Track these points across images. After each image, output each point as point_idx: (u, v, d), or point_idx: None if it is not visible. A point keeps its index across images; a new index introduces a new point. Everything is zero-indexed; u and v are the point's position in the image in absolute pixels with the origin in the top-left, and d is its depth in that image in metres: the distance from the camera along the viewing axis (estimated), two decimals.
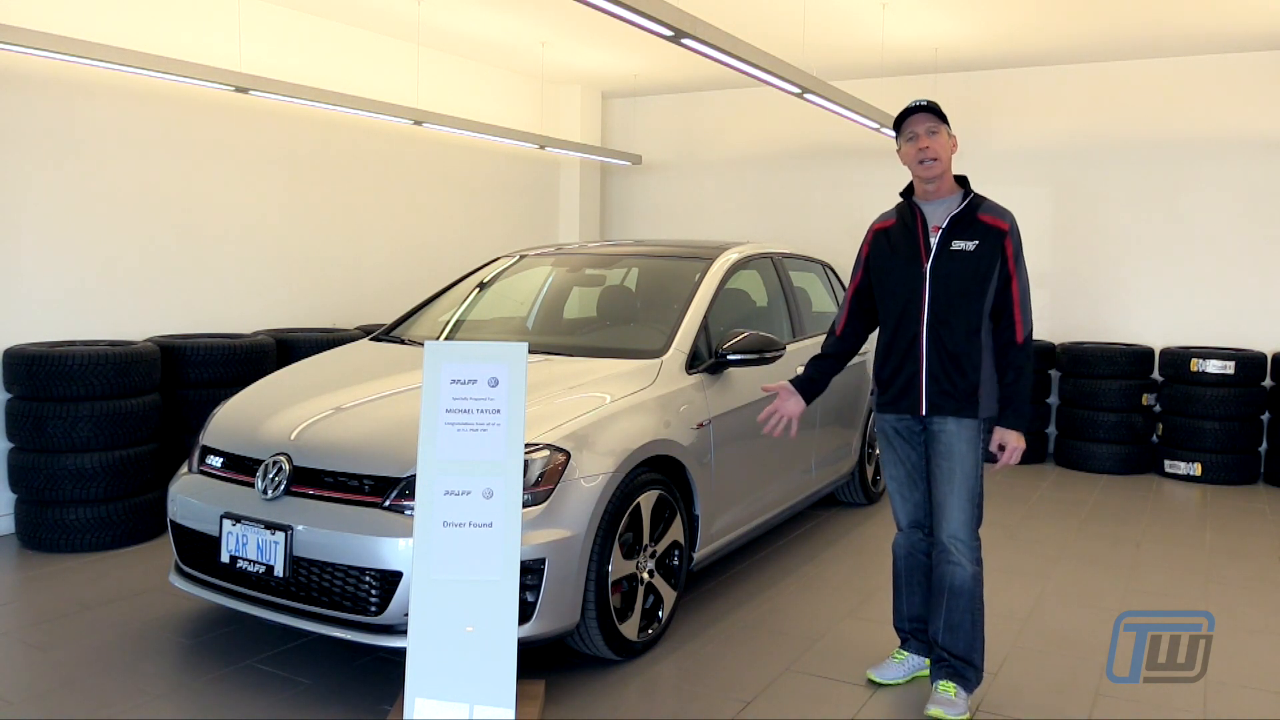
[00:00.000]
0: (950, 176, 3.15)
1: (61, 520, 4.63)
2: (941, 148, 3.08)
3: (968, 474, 3.09)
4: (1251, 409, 6.60)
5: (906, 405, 3.15)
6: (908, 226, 3.17)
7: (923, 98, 3.18)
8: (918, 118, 3.08)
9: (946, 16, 6.20)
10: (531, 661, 3.36)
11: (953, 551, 3.11)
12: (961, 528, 3.10)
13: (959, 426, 3.09)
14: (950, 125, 3.13)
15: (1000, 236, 3.05)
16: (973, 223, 3.08)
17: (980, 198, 3.15)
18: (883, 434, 3.31)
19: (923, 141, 3.06)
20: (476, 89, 8.02)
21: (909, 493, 3.29)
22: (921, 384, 3.10)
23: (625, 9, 3.69)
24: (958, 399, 3.07)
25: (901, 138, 3.13)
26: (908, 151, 3.12)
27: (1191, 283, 7.18)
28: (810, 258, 5.57)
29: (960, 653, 3.12)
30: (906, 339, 3.12)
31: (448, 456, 2.81)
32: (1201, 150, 7.08)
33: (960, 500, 3.09)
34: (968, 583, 3.10)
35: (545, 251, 5.24)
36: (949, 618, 3.12)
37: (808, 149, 8.56)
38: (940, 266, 3.07)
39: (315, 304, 6.58)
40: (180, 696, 3.21)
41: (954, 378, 3.06)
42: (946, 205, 3.13)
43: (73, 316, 5.14)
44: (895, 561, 3.40)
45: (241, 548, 3.23)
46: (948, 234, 3.09)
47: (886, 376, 3.21)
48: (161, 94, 5.51)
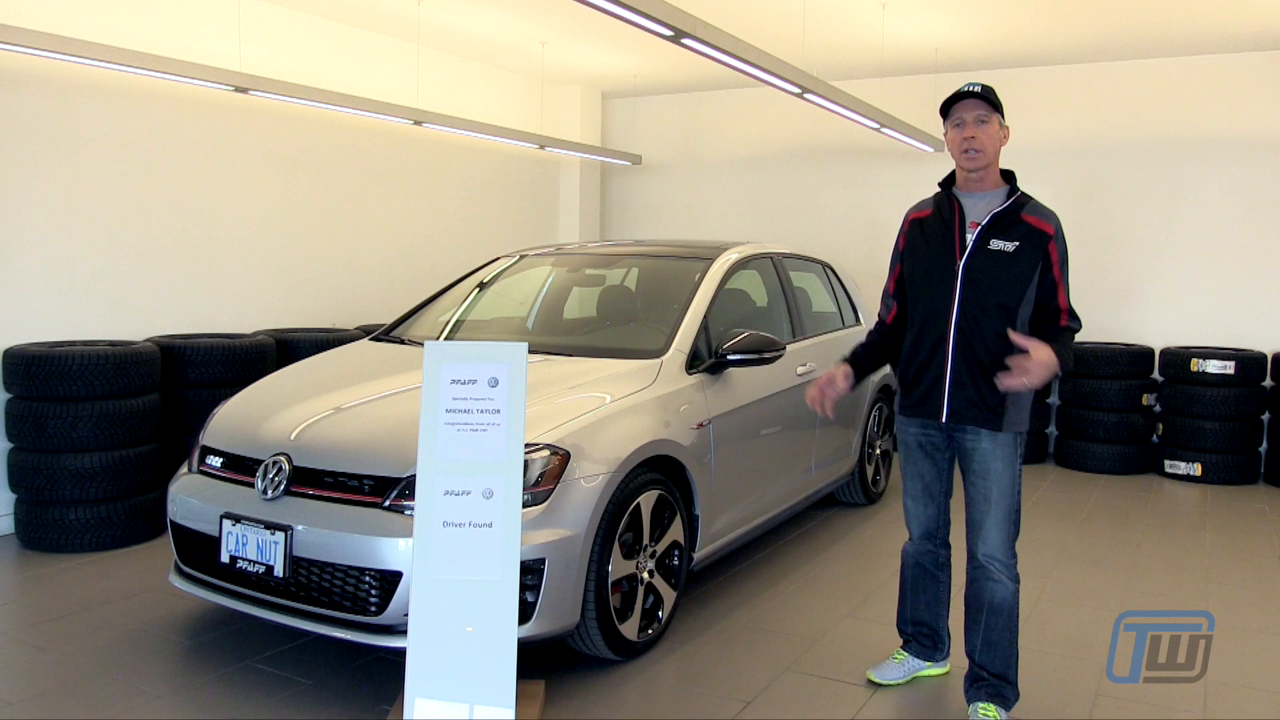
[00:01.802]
0: (996, 170, 2.95)
1: (61, 520, 4.63)
2: (990, 139, 2.87)
3: (1005, 491, 2.94)
4: (1251, 409, 6.60)
5: (928, 410, 3.01)
6: (944, 219, 2.98)
7: (976, 82, 2.93)
8: (968, 104, 2.87)
9: (946, 16, 6.20)
10: (531, 661, 3.36)
11: (992, 570, 2.98)
12: (999, 547, 2.97)
13: (994, 444, 2.92)
14: (1003, 114, 2.91)
15: (1044, 240, 2.86)
16: (1015, 222, 2.89)
17: (1026, 196, 2.95)
18: (904, 444, 3.18)
19: (969, 130, 2.87)
20: (476, 89, 8.02)
21: (923, 508, 3.18)
22: (945, 390, 2.94)
23: (625, 9, 3.69)
24: (983, 409, 2.90)
25: (948, 123, 2.93)
26: (952, 138, 2.92)
27: (1191, 283, 7.18)
28: (810, 258, 5.56)
29: (998, 670, 3.02)
30: (932, 340, 2.96)
31: (448, 456, 2.81)
32: (1202, 150, 7.08)
33: (998, 519, 2.95)
34: (1008, 600, 2.98)
35: (545, 251, 5.24)
36: (988, 635, 3.00)
37: (808, 149, 8.56)
38: (974, 266, 2.89)
39: (315, 304, 6.58)
40: (180, 696, 3.21)
41: (981, 387, 2.88)
42: (988, 200, 2.94)
43: (73, 316, 5.14)
44: (903, 568, 3.34)
45: (241, 548, 3.23)
46: (986, 232, 2.90)
47: (910, 378, 3.05)
48: (161, 94, 5.51)
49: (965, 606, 3.11)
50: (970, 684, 3.10)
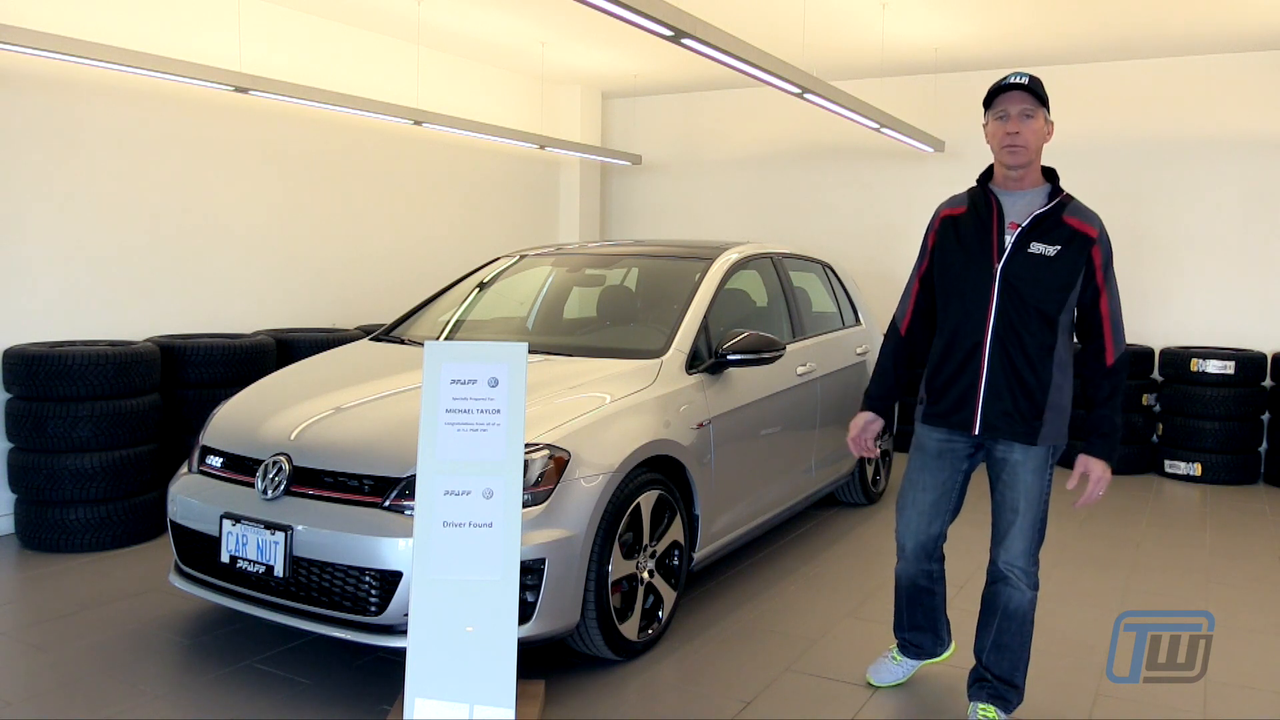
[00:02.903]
0: (1038, 167, 2.81)
1: (61, 520, 4.63)
2: (1034, 134, 2.73)
3: (1033, 502, 2.85)
4: (1251, 409, 6.60)
5: (959, 421, 2.86)
6: (981, 218, 2.83)
7: (1023, 72, 2.76)
8: (1013, 96, 2.71)
9: (946, 16, 6.20)
10: (531, 661, 3.36)
11: (1011, 578, 2.91)
12: (1021, 555, 2.89)
13: (1026, 455, 2.82)
14: (1049, 109, 2.76)
15: (1087, 244, 2.73)
16: (1057, 224, 2.74)
17: (1069, 197, 2.80)
18: (921, 449, 3.00)
19: (1013, 125, 2.71)
20: (476, 89, 8.02)
21: (926, 523, 3.02)
22: (978, 400, 2.80)
23: (625, 9, 3.69)
24: (1018, 421, 2.78)
25: (990, 114, 2.77)
26: (994, 131, 2.76)
27: (1191, 283, 7.18)
28: (810, 258, 5.56)
29: (1004, 674, 2.97)
30: (966, 347, 2.81)
31: (448, 456, 2.81)
32: (1202, 150, 7.08)
33: (1024, 529, 2.87)
34: (1024, 607, 2.93)
35: (545, 251, 5.24)
36: (999, 638, 2.94)
37: (807, 149, 8.56)
38: (1014, 270, 2.74)
39: (315, 304, 6.58)
40: (180, 696, 3.21)
41: (1018, 398, 2.76)
42: (1029, 200, 2.80)
43: (73, 316, 5.14)
44: (898, 589, 3.24)
45: (241, 548, 3.23)
46: (1026, 234, 2.75)
47: (940, 385, 2.89)
48: (161, 94, 5.51)
49: (981, 607, 3.05)
50: (974, 682, 3.07)
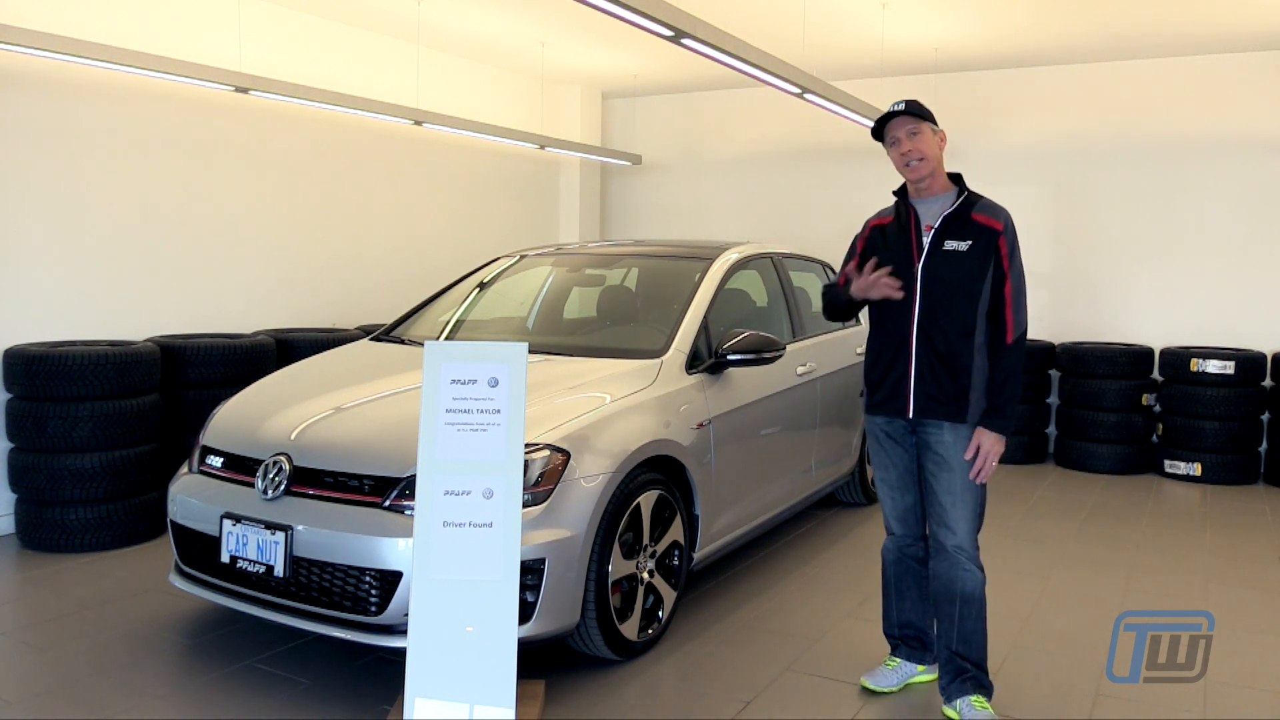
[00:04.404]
0: (942, 174, 3.09)
1: (61, 520, 4.63)
2: (925, 146, 3.02)
3: (969, 483, 3.03)
4: (1251, 409, 6.60)
5: (894, 408, 3.11)
6: (901, 226, 3.13)
7: (900, 99, 3.11)
8: (894, 123, 3.04)
9: (946, 16, 6.20)
10: (531, 661, 3.36)
11: (961, 560, 3.05)
12: (966, 537, 3.05)
13: (955, 435, 3.02)
14: (934, 120, 3.06)
15: (994, 236, 2.99)
16: (966, 222, 3.02)
17: (975, 196, 3.09)
18: (873, 436, 3.27)
19: (904, 145, 3.03)
20: (476, 89, 8.02)
21: (900, 496, 3.23)
22: (909, 387, 3.06)
23: (625, 9, 3.69)
24: (946, 403, 3.01)
25: (885, 144, 3.10)
26: (893, 157, 3.09)
27: (1191, 283, 7.18)
28: (810, 258, 5.56)
29: (977, 659, 3.07)
30: (896, 340, 3.09)
31: (448, 456, 2.81)
32: (1201, 150, 7.08)
33: (964, 510, 3.04)
34: (978, 589, 3.06)
35: (545, 251, 5.24)
36: (964, 626, 3.06)
37: (808, 149, 8.56)
38: (932, 267, 3.02)
39: (315, 304, 6.58)
40: (180, 696, 3.21)
41: (943, 381, 3.01)
42: (940, 204, 3.08)
43: (73, 316, 5.14)
44: (885, 568, 3.36)
45: (241, 548, 3.23)
46: (940, 233, 3.04)
47: (876, 378, 3.17)
48: (161, 94, 5.51)
49: (935, 600, 3.14)
50: (952, 679, 3.09)
